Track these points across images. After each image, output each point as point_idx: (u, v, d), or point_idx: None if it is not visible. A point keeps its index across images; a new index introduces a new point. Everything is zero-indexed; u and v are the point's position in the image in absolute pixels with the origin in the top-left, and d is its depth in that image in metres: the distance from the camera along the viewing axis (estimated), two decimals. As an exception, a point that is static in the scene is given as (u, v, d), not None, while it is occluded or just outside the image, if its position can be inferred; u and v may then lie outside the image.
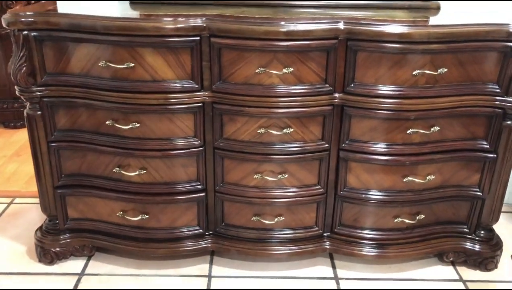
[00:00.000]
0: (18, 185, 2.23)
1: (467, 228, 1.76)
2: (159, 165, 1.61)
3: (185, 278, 1.70)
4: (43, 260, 1.74)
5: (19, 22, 1.43)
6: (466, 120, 1.58)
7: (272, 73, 1.46)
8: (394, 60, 1.46)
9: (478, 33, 1.44)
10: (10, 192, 2.17)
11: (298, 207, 1.68)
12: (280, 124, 1.54)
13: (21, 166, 2.40)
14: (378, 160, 1.59)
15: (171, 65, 1.47)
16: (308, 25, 1.41)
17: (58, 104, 1.55)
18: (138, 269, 1.73)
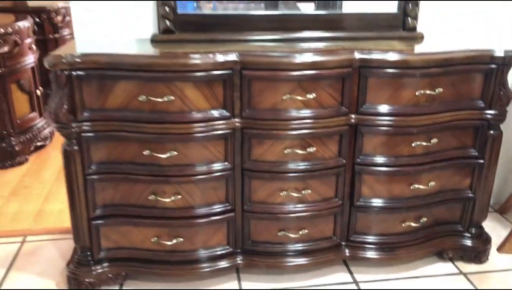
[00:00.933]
0: (26, 224, 2.22)
1: (462, 226, 2.00)
2: (193, 189, 1.72)
3: (218, 296, 1.80)
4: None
5: (62, 63, 1.52)
6: (458, 132, 1.83)
7: (297, 99, 1.64)
8: (399, 83, 1.69)
9: (467, 58, 1.71)
10: (20, 231, 2.16)
11: (319, 219, 1.84)
12: (303, 144, 1.71)
13: (23, 205, 2.39)
14: (388, 172, 1.80)
15: (206, 96, 1.61)
16: (330, 56, 1.61)
17: (95, 138, 1.63)
18: None
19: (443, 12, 2.07)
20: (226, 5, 2.11)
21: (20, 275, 1.89)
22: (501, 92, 1.78)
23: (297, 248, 1.86)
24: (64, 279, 1.85)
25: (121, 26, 1.89)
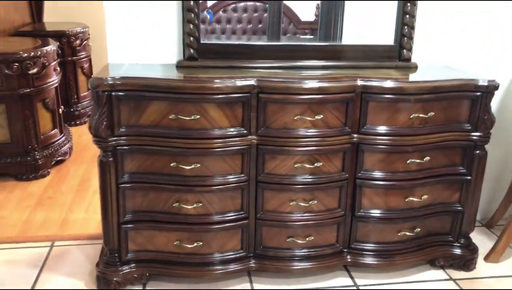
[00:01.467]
0: (53, 230, 2.41)
1: (452, 237, 2.21)
2: (213, 198, 1.93)
3: (232, 296, 2.00)
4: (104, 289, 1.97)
5: (104, 84, 1.75)
6: (448, 151, 2.06)
7: (307, 120, 1.87)
8: (396, 107, 1.93)
9: (455, 86, 1.96)
10: (48, 236, 2.35)
11: (324, 227, 2.05)
12: (311, 160, 1.93)
13: (49, 213, 2.58)
14: (386, 185, 2.02)
15: (227, 116, 1.83)
16: (336, 83, 1.86)
17: (129, 151, 1.85)
18: None
19: (436, 44, 2.32)
20: (227, 24, 2.41)
21: (51, 276, 2.08)
22: (485, 117, 2.02)
23: (303, 254, 2.07)
24: (92, 279, 2.04)
25: (149, 52, 2.12)
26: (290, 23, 2.72)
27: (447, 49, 2.35)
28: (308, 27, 2.81)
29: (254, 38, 2.68)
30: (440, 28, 2.31)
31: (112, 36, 2.10)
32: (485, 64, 2.38)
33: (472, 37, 2.36)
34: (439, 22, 2.30)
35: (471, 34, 2.35)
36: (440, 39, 2.33)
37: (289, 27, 2.74)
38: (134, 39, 2.11)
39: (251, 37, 2.70)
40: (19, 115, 2.87)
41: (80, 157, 3.35)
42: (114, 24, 2.07)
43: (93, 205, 2.70)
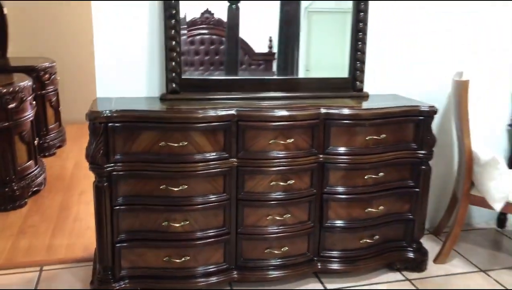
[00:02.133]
0: (40, 256, 2.53)
1: (405, 243, 2.53)
2: (198, 216, 2.15)
3: (217, 305, 2.21)
4: (99, 307, 2.12)
5: (101, 117, 1.96)
6: (398, 167, 2.40)
7: (280, 143, 2.15)
8: (353, 131, 2.25)
9: (401, 112, 2.31)
10: (36, 261, 2.47)
11: (296, 238, 2.32)
12: (285, 178, 2.20)
13: (33, 240, 2.69)
14: (348, 198, 2.33)
15: (211, 142, 2.08)
16: (303, 111, 2.16)
17: (123, 176, 2.05)
18: (177, 304, 2.19)
19: (383, 76, 2.69)
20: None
21: (44, 298, 2.21)
22: (428, 137, 2.38)
23: (279, 263, 2.31)
24: (86, 297, 2.19)
25: (134, 86, 2.35)
26: (245, 55, 3.02)
27: (393, 80, 2.73)
28: (262, 58, 3.11)
29: (212, 70, 2.93)
30: (387, 62, 2.69)
31: (100, 73, 2.32)
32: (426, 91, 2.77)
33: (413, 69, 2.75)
34: (386, 57, 2.68)
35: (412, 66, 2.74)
36: (387, 72, 2.70)
37: (245, 58, 3.04)
38: (120, 75, 2.33)
39: (209, 68, 2.96)
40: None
41: (54, 187, 3.46)
42: (102, 62, 2.30)
43: (76, 231, 2.83)
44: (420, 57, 2.74)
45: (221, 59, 2.88)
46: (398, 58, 2.71)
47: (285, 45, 2.74)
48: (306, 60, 2.87)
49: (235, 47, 2.78)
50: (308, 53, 2.85)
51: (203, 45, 2.85)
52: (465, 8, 2.74)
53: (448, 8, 2.72)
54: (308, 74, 2.77)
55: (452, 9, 2.73)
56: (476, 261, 2.67)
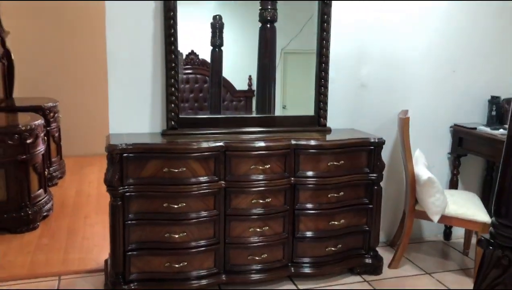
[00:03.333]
0: (57, 268, 2.97)
1: (364, 250, 3.06)
2: (193, 229, 2.65)
3: (209, 303, 2.68)
4: (112, 305, 2.57)
5: (118, 149, 2.47)
6: (355, 187, 2.95)
7: (259, 168, 2.69)
8: (318, 158, 2.81)
9: (355, 143, 2.89)
10: (54, 272, 2.91)
11: (273, 247, 2.82)
12: (263, 197, 2.73)
13: (49, 256, 3.13)
14: (315, 213, 2.86)
15: (204, 167, 2.61)
16: (277, 143, 2.71)
17: (133, 197, 2.55)
18: (175, 303, 2.65)
19: (344, 114, 3.28)
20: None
21: (65, 300, 2.65)
22: (378, 163, 2.95)
23: (259, 268, 2.81)
24: (99, 299, 2.64)
25: (139, 124, 2.88)
26: (227, 92, 3.54)
27: (352, 117, 3.31)
28: (243, 96, 3.63)
29: (197, 106, 3.38)
30: (346, 102, 3.28)
31: (112, 114, 2.84)
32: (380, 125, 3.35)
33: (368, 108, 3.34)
34: (345, 98, 3.27)
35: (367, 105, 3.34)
36: (346, 110, 3.29)
37: (227, 95, 3.56)
38: (128, 115, 2.86)
39: (194, 105, 3.44)
40: (15, 178, 3.45)
41: (61, 212, 3.91)
42: (114, 105, 2.83)
43: (85, 248, 3.28)
44: (374, 97, 3.34)
45: (205, 96, 3.36)
46: (356, 98, 3.31)
47: (262, 84, 3.25)
48: (282, 97, 3.42)
49: (218, 85, 3.27)
50: (284, 90, 3.39)
51: (188, 84, 3.26)
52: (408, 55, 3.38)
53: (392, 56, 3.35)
54: (285, 110, 3.33)
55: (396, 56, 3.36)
56: (423, 266, 3.22)
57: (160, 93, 2.89)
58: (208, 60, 3.18)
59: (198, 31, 3.17)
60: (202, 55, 3.20)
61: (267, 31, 3.15)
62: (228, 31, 3.12)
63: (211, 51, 3.15)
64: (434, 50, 3.41)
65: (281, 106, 3.36)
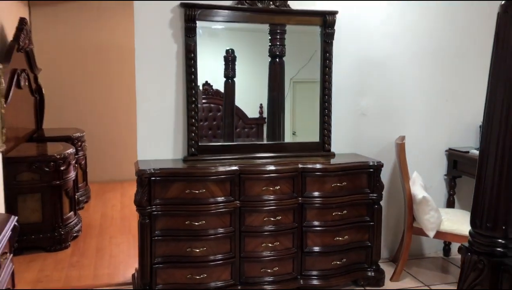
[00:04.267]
0: (89, 282, 3.31)
1: (366, 264, 3.35)
2: (212, 244, 2.97)
3: (226, 312, 2.98)
4: (140, 313, 2.89)
5: (146, 173, 2.83)
6: (357, 206, 3.26)
7: (270, 189, 3.02)
8: (323, 180, 3.14)
9: (357, 166, 3.22)
10: (87, 285, 3.24)
11: (284, 261, 3.13)
12: (274, 215, 3.05)
13: (81, 271, 3.47)
14: (321, 230, 3.17)
15: (221, 189, 2.95)
16: (286, 166, 3.06)
17: (159, 215, 2.89)
18: (196, 311, 2.96)
19: (347, 140, 3.62)
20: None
21: (98, 308, 2.97)
22: (377, 184, 3.27)
23: (271, 280, 3.11)
24: (129, 307, 2.96)
25: (163, 151, 3.24)
26: (240, 120, 3.88)
27: (354, 142, 3.65)
28: (255, 123, 3.95)
29: (210, 134, 3.67)
30: (349, 128, 3.62)
31: (140, 143, 3.21)
32: (381, 149, 3.68)
33: (370, 133, 3.68)
34: (348, 125, 3.62)
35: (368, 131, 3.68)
36: (349, 136, 3.63)
37: (239, 123, 3.88)
38: (153, 144, 3.23)
39: (207, 132, 3.75)
40: (50, 201, 3.82)
41: (89, 233, 4.26)
42: (142, 135, 3.20)
43: (112, 265, 3.61)
44: (373, 125, 3.68)
45: (219, 124, 3.69)
46: (357, 126, 3.65)
47: (272, 113, 3.61)
48: (292, 124, 3.74)
49: (231, 114, 3.62)
50: (294, 117, 3.73)
51: (203, 112, 3.54)
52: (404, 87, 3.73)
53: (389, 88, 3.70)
54: (295, 136, 3.66)
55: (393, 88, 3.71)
56: (423, 279, 3.49)
57: (181, 123, 3.26)
58: (222, 90, 3.52)
59: (212, 63, 3.48)
60: (216, 86, 3.51)
61: (276, 65, 3.53)
62: (240, 63, 3.48)
63: (224, 82, 3.51)
64: (427, 82, 3.76)
65: (290, 133, 3.69)
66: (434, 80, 3.77)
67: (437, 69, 3.77)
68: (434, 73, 3.77)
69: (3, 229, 2.14)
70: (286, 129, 3.63)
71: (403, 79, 3.71)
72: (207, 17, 3.19)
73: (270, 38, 3.45)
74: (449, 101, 3.82)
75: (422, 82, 3.75)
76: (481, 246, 1.96)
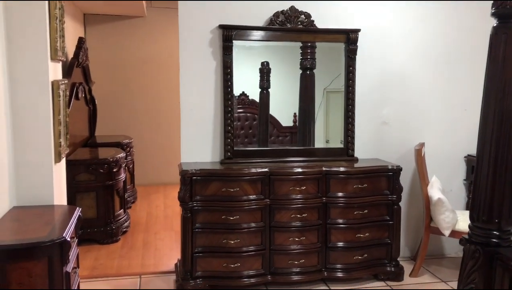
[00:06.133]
0: (137, 270, 3.75)
1: (387, 260, 3.64)
2: (244, 236, 3.35)
3: (257, 297, 3.35)
4: (182, 296, 3.30)
5: (189, 173, 3.25)
6: (377, 206, 3.57)
7: (296, 189, 3.38)
8: (346, 181, 3.47)
9: (377, 169, 3.53)
10: (136, 273, 3.69)
11: (309, 254, 3.47)
12: (300, 212, 3.40)
13: (130, 261, 3.93)
14: (344, 227, 3.49)
15: (253, 187, 3.33)
16: (312, 169, 3.41)
17: (199, 210, 3.30)
18: (231, 296, 3.34)
19: (370, 145, 3.93)
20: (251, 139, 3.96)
21: (145, 291, 3.41)
22: (396, 186, 3.57)
23: (298, 271, 3.46)
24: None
25: (203, 155, 3.66)
26: (274, 128, 4.23)
27: (376, 147, 3.96)
28: (288, 131, 4.27)
29: (246, 141, 4.08)
30: (371, 135, 3.94)
31: (184, 147, 3.64)
32: (403, 154, 3.97)
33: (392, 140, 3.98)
34: (370, 131, 3.93)
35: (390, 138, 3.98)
36: (371, 142, 3.94)
37: (273, 131, 4.24)
38: (195, 148, 3.65)
39: (244, 140, 4.12)
40: (103, 200, 4.31)
41: (136, 229, 4.74)
42: (185, 140, 3.63)
43: (157, 256, 4.06)
44: (394, 132, 3.98)
45: (254, 132, 4.08)
46: (379, 133, 3.96)
47: (303, 122, 3.97)
48: (326, 132, 4.06)
49: (266, 122, 3.98)
50: (328, 126, 4.06)
51: (239, 121, 3.92)
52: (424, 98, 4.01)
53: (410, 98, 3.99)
54: (328, 144, 3.97)
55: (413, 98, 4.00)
56: (440, 276, 3.74)
57: (219, 130, 3.67)
58: (257, 100, 3.89)
59: (248, 75, 3.87)
60: (252, 96, 3.88)
61: (306, 77, 3.90)
62: (274, 75, 3.87)
63: (259, 92, 3.90)
64: (447, 92, 4.03)
65: (323, 140, 4.01)
66: (453, 90, 4.04)
67: (456, 79, 4.04)
68: (453, 83, 4.04)
69: (71, 217, 2.60)
70: (317, 136, 3.97)
71: (423, 90, 4.00)
72: (242, 37, 3.60)
73: (301, 52, 3.82)
74: (467, 110, 4.07)
75: (442, 92, 4.03)
76: (478, 237, 2.23)
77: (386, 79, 3.94)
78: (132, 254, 4.11)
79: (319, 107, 3.94)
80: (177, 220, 4.64)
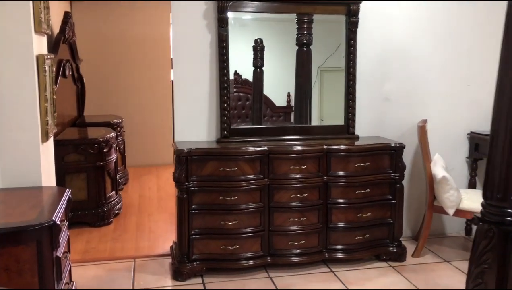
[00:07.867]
0: (131, 253, 3.62)
1: (389, 240, 3.54)
2: (243, 218, 3.23)
3: (258, 279, 3.23)
4: (178, 278, 3.17)
5: (184, 152, 3.10)
6: (380, 185, 3.46)
7: (296, 168, 3.25)
8: (347, 159, 3.34)
9: (379, 147, 3.41)
10: (130, 256, 3.56)
11: (310, 235, 3.36)
12: (300, 192, 3.28)
13: (123, 244, 3.80)
14: (345, 207, 3.38)
15: (251, 167, 3.20)
16: (312, 147, 3.28)
17: (196, 191, 3.16)
18: (229, 277, 3.23)
19: (371, 122, 3.80)
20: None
21: (141, 274, 3.28)
22: (399, 164, 3.45)
23: (298, 252, 3.35)
24: (169, 274, 3.25)
25: (198, 133, 3.50)
26: (267, 109, 4.08)
27: (377, 125, 3.83)
28: (282, 111, 4.15)
29: (239, 122, 3.92)
30: (372, 112, 3.81)
31: (177, 125, 3.48)
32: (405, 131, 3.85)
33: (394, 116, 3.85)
34: (371, 108, 3.80)
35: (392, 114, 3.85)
36: (372, 119, 3.81)
37: (267, 111, 4.09)
38: (189, 126, 3.49)
39: (237, 120, 3.97)
40: (94, 181, 4.15)
41: (129, 211, 4.60)
42: (179, 118, 3.47)
43: (152, 238, 3.93)
44: (396, 109, 3.85)
45: (247, 113, 3.94)
46: (381, 109, 3.83)
47: (300, 100, 3.83)
48: (320, 111, 3.94)
49: (259, 102, 3.84)
50: (322, 104, 3.92)
51: (233, 101, 3.77)
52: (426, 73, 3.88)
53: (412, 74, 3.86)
54: (322, 123, 3.84)
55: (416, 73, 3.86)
56: (443, 256, 3.66)
57: (215, 108, 3.51)
58: (250, 80, 3.74)
59: (241, 53, 3.69)
60: (245, 75, 3.73)
61: (303, 53, 3.73)
62: (268, 53, 3.70)
63: (253, 71, 3.73)
64: (450, 67, 3.90)
65: (317, 119, 3.89)
66: (456, 65, 3.90)
67: (459, 54, 3.90)
68: (456, 58, 3.90)
69: (61, 199, 2.45)
70: (313, 115, 3.83)
71: (426, 65, 3.86)
72: (238, 8, 3.42)
73: (298, 27, 3.65)
74: (471, 85, 3.95)
75: (444, 67, 3.89)
76: (492, 216, 2.12)
77: (388, 54, 3.79)
78: (125, 237, 3.97)
79: (313, 86, 3.79)
80: (171, 202, 4.51)
